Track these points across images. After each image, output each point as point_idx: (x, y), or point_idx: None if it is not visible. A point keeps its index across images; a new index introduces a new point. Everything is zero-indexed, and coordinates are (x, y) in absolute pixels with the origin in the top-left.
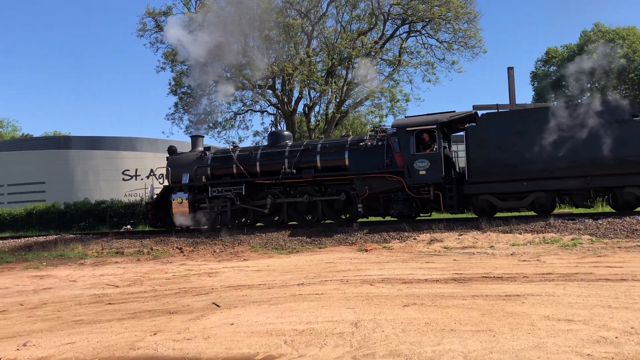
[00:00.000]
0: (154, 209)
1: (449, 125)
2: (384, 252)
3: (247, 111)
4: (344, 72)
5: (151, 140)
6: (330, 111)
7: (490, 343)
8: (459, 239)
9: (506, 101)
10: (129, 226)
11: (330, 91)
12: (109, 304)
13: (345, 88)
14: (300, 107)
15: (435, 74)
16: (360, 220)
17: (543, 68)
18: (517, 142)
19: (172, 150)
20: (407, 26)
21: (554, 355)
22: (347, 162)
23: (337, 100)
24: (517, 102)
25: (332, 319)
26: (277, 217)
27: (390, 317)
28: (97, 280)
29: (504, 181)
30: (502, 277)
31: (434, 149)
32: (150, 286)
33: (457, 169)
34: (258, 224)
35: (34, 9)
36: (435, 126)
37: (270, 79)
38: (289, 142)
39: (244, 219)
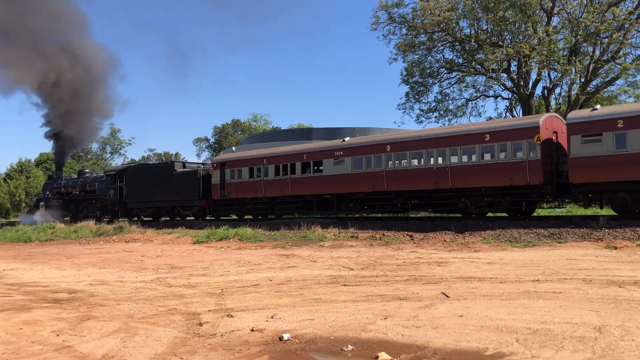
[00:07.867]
0: (40, 207)
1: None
2: (638, 250)
3: (479, 97)
4: (590, 49)
5: (383, 129)
6: (573, 93)
7: None
8: None
9: None
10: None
11: (573, 71)
12: (344, 285)
13: (592, 67)
14: (538, 90)
15: None
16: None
17: None
18: (141, 183)
19: (49, 177)
20: None
21: None
22: (96, 189)
23: (582, 80)
24: None
25: (572, 320)
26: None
27: None
28: (334, 262)
29: (141, 202)
30: None
31: (116, 185)
32: (382, 271)
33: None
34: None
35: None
36: (115, 172)
37: (504, 62)
38: (89, 176)
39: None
